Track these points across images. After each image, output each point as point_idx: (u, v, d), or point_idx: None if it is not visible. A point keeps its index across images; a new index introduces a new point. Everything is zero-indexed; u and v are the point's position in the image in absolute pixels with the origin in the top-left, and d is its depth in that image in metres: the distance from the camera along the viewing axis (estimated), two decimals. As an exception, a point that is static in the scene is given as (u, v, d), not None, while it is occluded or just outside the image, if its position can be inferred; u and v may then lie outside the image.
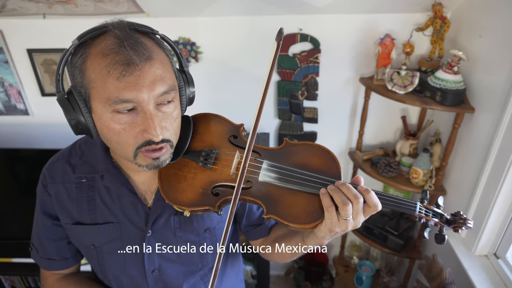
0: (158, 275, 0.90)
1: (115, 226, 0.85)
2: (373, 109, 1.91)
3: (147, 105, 0.65)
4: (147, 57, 0.64)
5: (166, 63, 0.70)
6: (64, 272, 0.97)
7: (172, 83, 0.69)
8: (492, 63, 1.42)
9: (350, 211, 0.65)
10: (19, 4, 1.56)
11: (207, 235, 0.90)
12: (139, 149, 0.69)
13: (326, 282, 2.30)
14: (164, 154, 0.72)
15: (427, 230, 0.70)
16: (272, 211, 0.70)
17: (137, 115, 0.66)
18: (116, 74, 0.62)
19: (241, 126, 0.82)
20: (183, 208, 0.74)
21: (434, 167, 1.74)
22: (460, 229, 0.70)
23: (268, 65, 0.68)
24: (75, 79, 0.68)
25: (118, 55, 0.62)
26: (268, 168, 0.74)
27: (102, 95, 0.64)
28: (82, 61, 0.65)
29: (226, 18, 1.74)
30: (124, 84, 0.63)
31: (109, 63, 0.62)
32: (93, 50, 0.65)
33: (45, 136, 2.05)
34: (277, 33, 0.69)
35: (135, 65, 0.63)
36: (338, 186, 0.67)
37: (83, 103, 0.67)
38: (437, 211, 0.73)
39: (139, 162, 0.71)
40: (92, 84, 0.65)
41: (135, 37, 0.65)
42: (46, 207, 0.88)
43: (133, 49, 0.63)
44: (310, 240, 0.77)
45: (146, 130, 0.66)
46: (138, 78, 0.63)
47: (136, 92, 0.63)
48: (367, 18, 1.71)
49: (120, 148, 0.70)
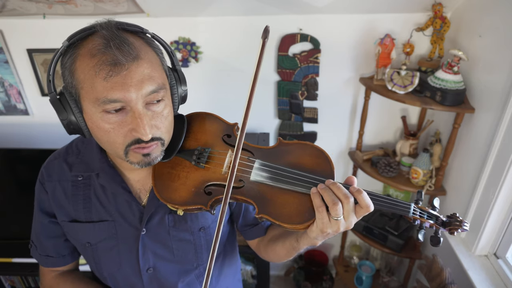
0: (153, 274, 0.90)
1: (110, 224, 0.85)
2: (373, 109, 1.91)
3: (135, 105, 0.65)
4: (134, 56, 0.64)
5: (155, 62, 0.70)
6: (62, 269, 0.98)
7: (161, 82, 0.69)
8: (492, 63, 1.42)
9: (340, 211, 0.64)
10: (19, 4, 1.57)
11: (201, 234, 0.90)
12: (129, 147, 0.69)
13: (326, 282, 2.30)
14: (154, 151, 0.72)
15: (422, 232, 0.68)
16: (264, 211, 0.70)
17: (126, 114, 0.67)
18: (103, 75, 0.63)
19: (235, 125, 0.82)
20: (176, 207, 0.74)
21: (434, 167, 1.74)
22: (456, 232, 0.68)
23: (255, 62, 0.68)
24: (65, 80, 0.68)
25: (105, 55, 0.63)
26: (260, 167, 0.74)
27: (91, 95, 0.65)
28: (71, 62, 0.66)
29: (226, 18, 1.74)
30: (111, 84, 0.63)
31: (96, 63, 0.63)
32: (82, 51, 0.65)
33: (45, 136, 2.05)
34: (263, 31, 0.69)
35: (122, 65, 0.63)
36: (328, 185, 0.67)
37: (74, 104, 0.68)
38: (432, 213, 0.71)
39: (131, 159, 0.72)
40: (81, 84, 0.65)
41: (122, 37, 0.65)
42: (43, 204, 0.89)
43: (119, 49, 0.63)
44: (304, 241, 0.76)
45: (135, 129, 0.67)
46: (125, 78, 0.63)
47: (123, 92, 0.64)
48: (367, 18, 1.71)
49: (110, 147, 0.71)
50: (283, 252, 0.86)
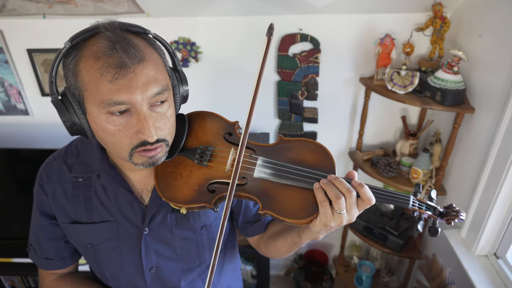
0: (156, 273, 0.90)
1: (112, 224, 0.85)
2: (373, 109, 1.91)
3: (140, 107, 0.66)
4: (139, 59, 0.65)
5: (159, 63, 0.70)
6: (61, 272, 0.97)
7: (165, 83, 0.70)
8: (492, 63, 1.42)
9: (343, 204, 0.65)
10: (19, 4, 1.57)
11: (203, 232, 0.90)
12: (134, 150, 0.69)
13: (326, 282, 2.30)
14: (160, 153, 0.72)
15: (421, 223, 0.71)
16: (268, 207, 0.70)
17: (131, 116, 0.67)
18: (109, 77, 0.63)
19: (236, 123, 0.83)
20: (179, 206, 0.75)
21: (434, 167, 1.74)
22: (453, 222, 0.71)
23: (260, 60, 0.69)
24: (68, 81, 0.68)
25: (111, 58, 0.63)
26: (263, 164, 0.74)
27: (96, 97, 0.65)
28: (74, 63, 0.66)
29: (226, 18, 1.74)
30: (117, 86, 0.63)
31: (101, 66, 0.63)
32: (85, 52, 0.65)
33: (45, 136, 2.05)
34: (267, 28, 0.69)
35: (128, 67, 0.63)
36: (331, 180, 0.68)
37: (77, 105, 0.68)
38: (430, 204, 0.74)
39: (135, 161, 0.72)
40: (86, 86, 0.65)
41: (127, 38, 0.65)
42: (43, 206, 0.89)
43: (125, 51, 0.63)
44: (306, 235, 0.77)
45: (141, 131, 0.67)
46: (131, 80, 0.64)
47: (129, 94, 0.64)
48: (367, 18, 1.71)
49: (115, 149, 0.71)
50: (284, 247, 0.87)
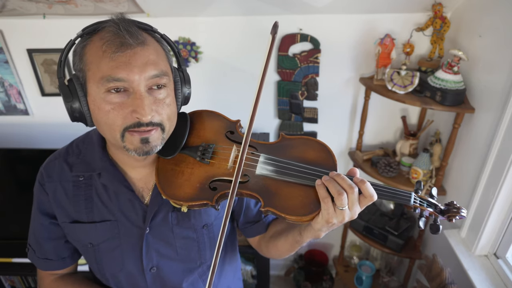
0: (156, 273, 0.90)
1: (113, 224, 0.85)
2: (373, 109, 1.91)
3: (137, 86, 0.67)
4: (141, 41, 0.68)
5: (161, 53, 0.72)
6: (61, 272, 0.97)
7: (164, 69, 0.71)
8: (492, 63, 1.42)
9: (346, 200, 0.66)
10: (19, 4, 1.57)
11: (204, 232, 0.90)
12: (127, 130, 0.69)
13: (326, 282, 2.30)
14: (153, 137, 0.71)
15: (422, 220, 0.71)
16: (270, 204, 0.71)
17: (128, 96, 0.68)
18: (109, 53, 0.66)
19: (238, 122, 0.84)
20: (180, 203, 0.75)
21: (434, 167, 1.74)
22: (454, 218, 0.71)
23: (264, 57, 0.70)
24: (75, 65, 0.71)
25: (114, 36, 0.67)
26: (265, 161, 0.75)
27: (97, 75, 0.67)
28: (82, 47, 0.70)
29: (226, 18, 1.74)
30: (116, 63, 0.66)
31: (104, 43, 0.67)
32: (94, 37, 0.69)
33: (45, 136, 2.05)
34: (272, 26, 0.70)
35: (128, 45, 0.66)
36: (332, 176, 0.69)
37: (80, 87, 0.70)
38: (431, 201, 0.74)
39: (127, 145, 0.71)
40: (89, 66, 0.68)
41: (134, 26, 0.68)
42: (43, 206, 0.88)
43: (129, 32, 0.67)
44: (307, 233, 0.77)
45: (136, 110, 0.68)
46: (130, 58, 0.66)
47: (127, 71, 0.66)
48: (367, 18, 1.71)
49: (108, 130, 0.71)
50: (285, 246, 0.87)
